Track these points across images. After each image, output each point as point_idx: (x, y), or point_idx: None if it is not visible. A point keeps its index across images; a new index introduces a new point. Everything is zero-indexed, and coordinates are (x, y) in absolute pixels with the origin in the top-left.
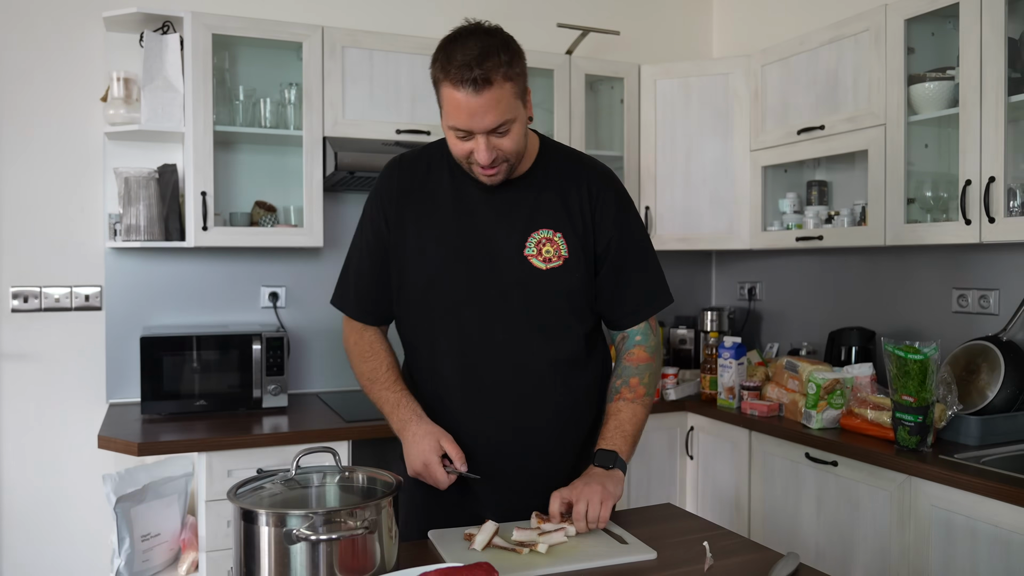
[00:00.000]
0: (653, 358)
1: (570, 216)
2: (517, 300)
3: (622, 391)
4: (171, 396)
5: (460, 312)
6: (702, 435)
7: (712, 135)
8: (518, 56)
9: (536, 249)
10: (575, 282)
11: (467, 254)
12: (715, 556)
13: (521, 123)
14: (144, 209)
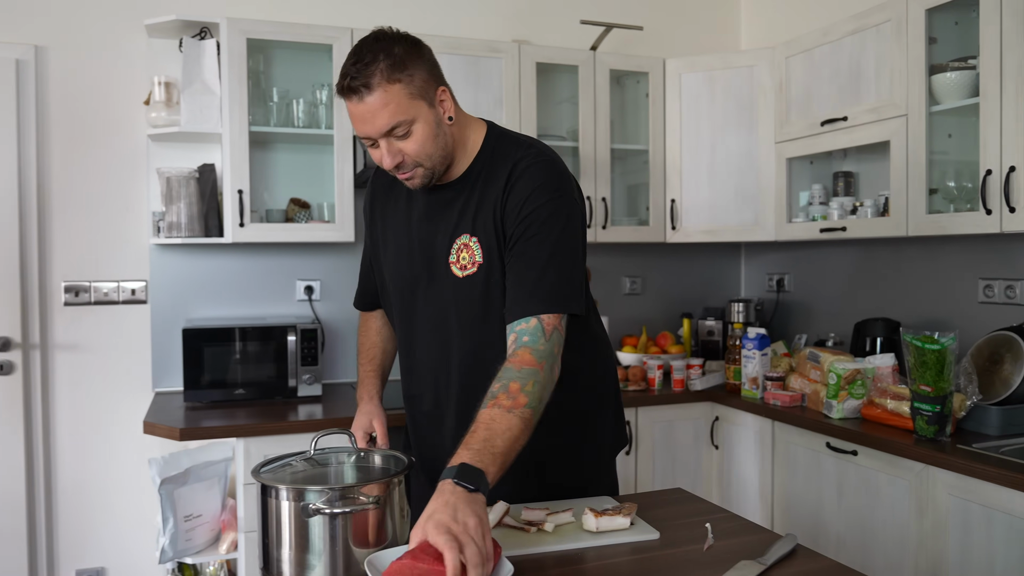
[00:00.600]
0: (541, 365)
1: (484, 217)
2: (448, 309)
3: (499, 396)
4: (212, 385)
5: (406, 315)
6: (726, 425)
7: (737, 128)
8: (410, 58)
9: (456, 256)
10: (490, 287)
11: (411, 263)
12: (716, 537)
13: (425, 124)
14: (185, 207)
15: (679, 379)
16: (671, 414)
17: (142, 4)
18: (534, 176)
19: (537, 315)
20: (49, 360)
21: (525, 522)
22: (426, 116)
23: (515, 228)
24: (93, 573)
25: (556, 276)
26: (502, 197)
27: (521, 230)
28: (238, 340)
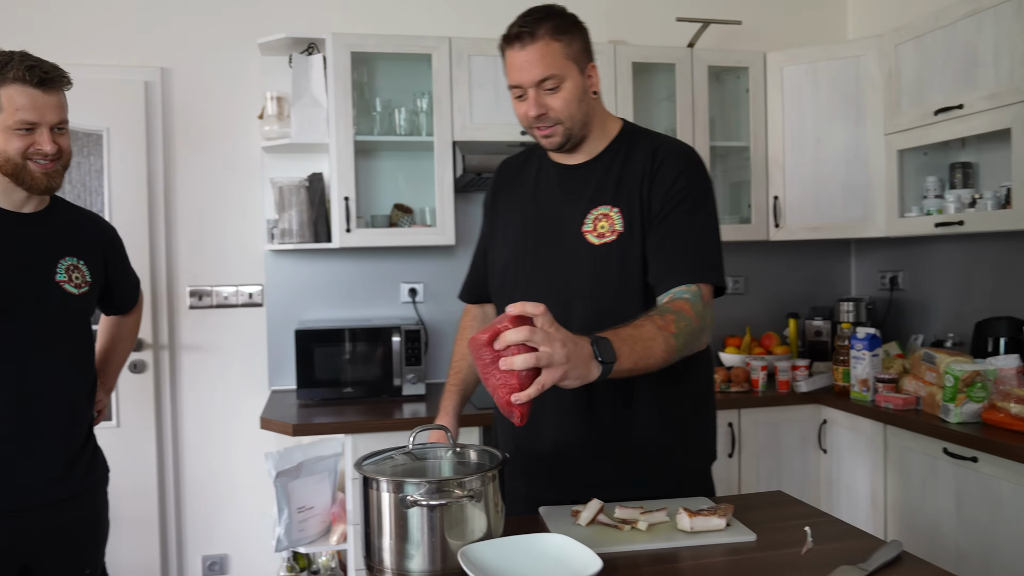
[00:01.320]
0: (696, 318)
1: (628, 190)
2: (575, 275)
3: (654, 316)
4: (322, 383)
5: (526, 288)
6: (835, 428)
7: (843, 120)
8: (573, 28)
9: (592, 225)
10: (628, 256)
11: (536, 233)
12: (816, 541)
13: (573, 85)
14: (296, 214)
15: (784, 380)
16: (776, 416)
17: (255, 25)
18: (682, 157)
19: (696, 283)
20: (176, 360)
21: (619, 520)
22: (575, 79)
23: (665, 203)
24: (217, 559)
25: (708, 250)
26: (650, 172)
27: (673, 204)
28: (346, 341)
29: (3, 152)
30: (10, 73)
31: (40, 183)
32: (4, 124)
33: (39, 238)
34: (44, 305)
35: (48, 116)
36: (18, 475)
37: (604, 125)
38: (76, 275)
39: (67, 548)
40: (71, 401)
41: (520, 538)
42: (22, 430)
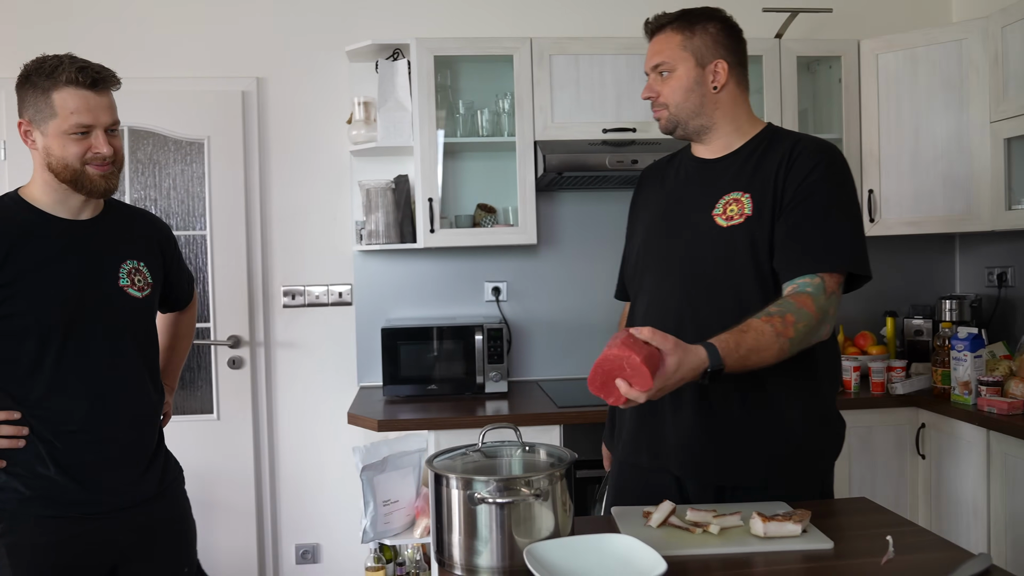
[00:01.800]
0: (817, 314)
1: (763, 179)
2: (700, 256)
3: (774, 316)
4: (407, 380)
5: (654, 269)
6: (935, 433)
7: (943, 109)
8: (703, 25)
9: (723, 209)
10: (754, 239)
11: (667, 219)
12: (898, 551)
13: (685, 76)
14: (383, 216)
15: (878, 382)
16: (869, 419)
17: (343, 33)
18: (819, 150)
19: (820, 273)
20: (271, 356)
21: (691, 523)
22: (689, 70)
23: (796, 192)
24: (309, 547)
25: (838, 239)
26: (786, 163)
27: (805, 194)
28: (430, 339)
29: (61, 159)
30: (63, 76)
31: (99, 186)
32: (59, 129)
33: (99, 244)
34: (113, 311)
35: (102, 118)
36: (101, 479)
37: (739, 123)
38: (138, 278)
39: (154, 549)
40: (144, 404)
41: (586, 538)
42: (100, 435)
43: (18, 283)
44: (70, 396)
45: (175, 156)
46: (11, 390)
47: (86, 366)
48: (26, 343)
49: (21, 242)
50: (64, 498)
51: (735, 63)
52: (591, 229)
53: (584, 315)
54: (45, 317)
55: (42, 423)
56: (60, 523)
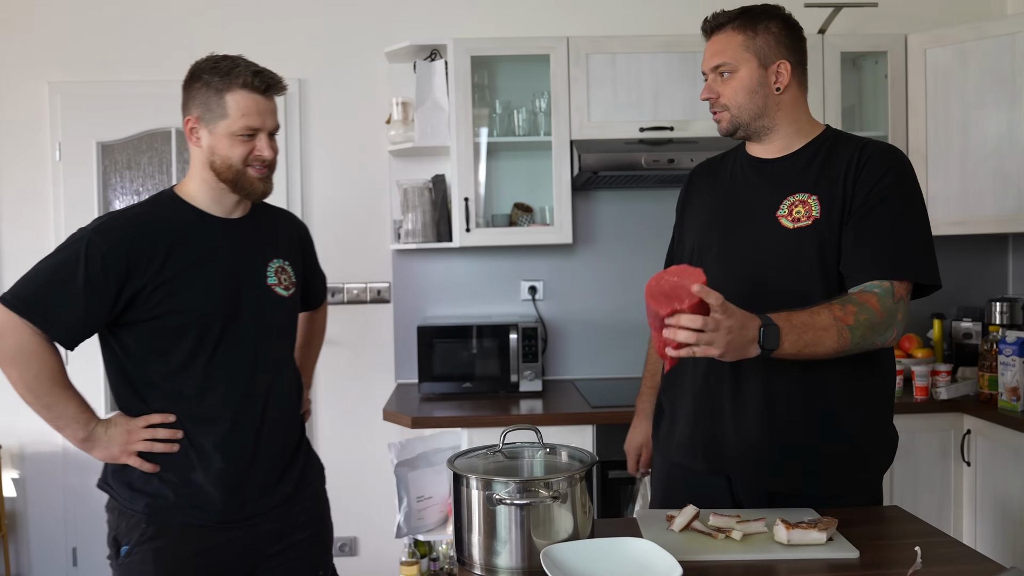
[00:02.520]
0: (882, 313)
1: (830, 181)
2: (764, 258)
3: (834, 305)
4: (442, 378)
5: (712, 268)
6: (980, 439)
7: (994, 105)
8: (764, 24)
9: (788, 210)
10: (826, 241)
11: (726, 218)
12: (927, 562)
13: (747, 76)
14: (420, 215)
15: (922, 386)
16: (912, 424)
17: (381, 34)
18: (889, 156)
19: (890, 279)
20: None
21: (713, 528)
22: (751, 71)
23: (867, 199)
24: (347, 541)
25: (908, 246)
26: (855, 167)
27: (876, 201)
28: (466, 337)
29: (227, 159)
30: (239, 79)
31: (257, 188)
32: (228, 130)
33: (250, 243)
34: (263, 310)
35: (269, 122)
36: (246, 483)
37: (799, 124)
38: (284, 276)
39: (292, 550)
40: (289, 403)
41: (603, 541)
42: (248, 436)
43: (179, 280)
44: (221, 396)
45: None
46: (163, 389)
47: (236, 365)
48: (182, 341)
49: (180, 240)
50: (211, 507)
51: (797, 63)
52: (627, 228)
53: (620, 315)
54: (204, 315)
55: (194, 424)
56: (205, 531)
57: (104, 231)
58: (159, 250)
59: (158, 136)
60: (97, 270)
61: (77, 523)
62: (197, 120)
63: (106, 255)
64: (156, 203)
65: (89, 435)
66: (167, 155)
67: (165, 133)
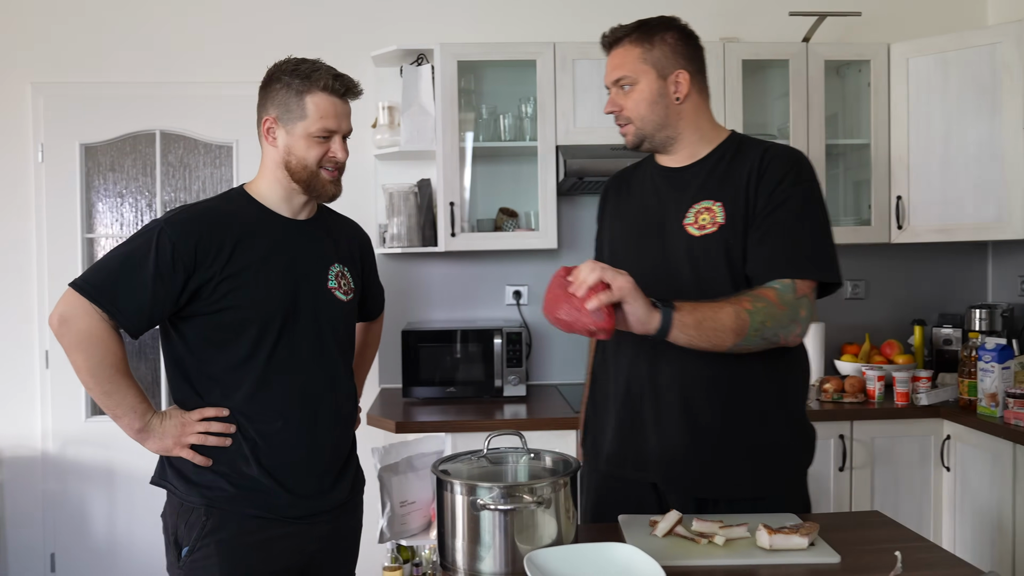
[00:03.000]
0: (780, 305)
1: (734, 187)
2: (674, 266)
3: (730, 297)
4: (426, 383)
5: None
6: (960, 445)
7: (975, 114)
8: (661, 35)
9: (694, 218)
10: (732, 247)
11: (637, 229)
12: (907, 567)
13: (647, 88)
14: (405, 219)
15: (903, 392)
16: (892, 429)
17: (367, 37)
18: (789, 159)
19: (790, 277)
20: None
21: (696, 533)
22: (651, 83)
23: (768, 201)
24: None
25: (809, 246)
26: (756, 171)
27: (777, 203)
28: (450, 342)
29: (302, 159)
30: (320, 82)
31: (328, 190)
32: (307, 131)
33: (314, 245)
34: (322, 312)
35: (344, 125)
36: (302, 482)
37: (704, 131)
38: (344, 282)
39: (338, 555)
40: (344, 408)
41: (587, 546)
42: (303, 437)
43: (243, 275)
44: (276, 394)
45: (204, 159)
46: (221, 383)
47: (293, 365)
48: (243, 337)
49: (248, 236)
50: (268, 500)
51: (695, 71)
52: None
53: None
54: (265, 311)
55: (247, 420)
56: (264, 523)
57: (175, 222)
58: (226, 244)
59: (142, 138)
60: (167, 259)
61: (56, 528)
62: (275, 120)
63: (176, 245)
64: (227, 199)
65: (145, 426)
66: (151, 157)
67: (149, 135)
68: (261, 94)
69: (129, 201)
